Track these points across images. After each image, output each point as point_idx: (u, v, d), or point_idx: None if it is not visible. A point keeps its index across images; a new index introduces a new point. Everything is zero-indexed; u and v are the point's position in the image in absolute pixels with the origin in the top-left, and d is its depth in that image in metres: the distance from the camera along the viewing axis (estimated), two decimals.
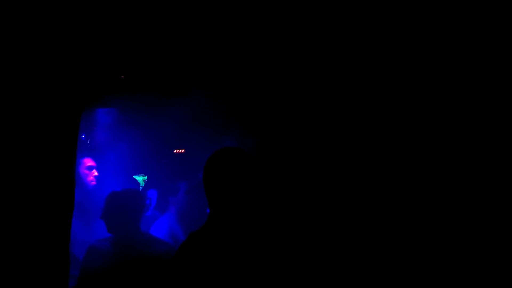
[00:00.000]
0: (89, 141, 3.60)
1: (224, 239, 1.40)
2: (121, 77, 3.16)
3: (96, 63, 2.41)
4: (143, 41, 2.60)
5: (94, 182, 2.93)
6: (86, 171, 2.95)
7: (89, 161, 2.98)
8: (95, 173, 2.98)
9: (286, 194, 2.31)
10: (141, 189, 4.06)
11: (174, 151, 4.50)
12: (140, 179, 4.46)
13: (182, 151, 4.47)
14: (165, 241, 2.43)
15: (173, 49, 2.71)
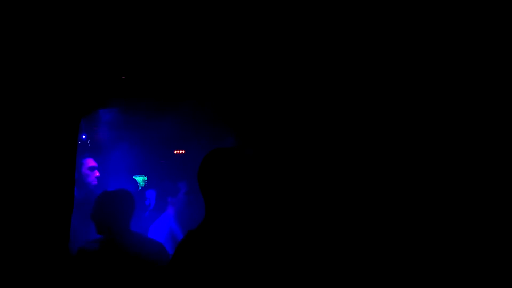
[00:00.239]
0: (90, 141, 3.63)
1: (221, 238, 1.42)
2: (122, 77, 3.19)
3: (97, 67, 2.44)
4: (144, 45, 2.63)
5: (95, 182, 2.97)
6: (88, 172, 2.98)
7: (91, 161, 3.02)
8: (97, 173, 3.02)
9: (283, 193, 2.33)
10: (140, 189, 4.09)
11: (174, 152, 4.53)
12: (140, 179, 4.49)
13: (183, 151, 4.49)
14: (156, 241, 2.43)
15: (173, 52, 2.74)
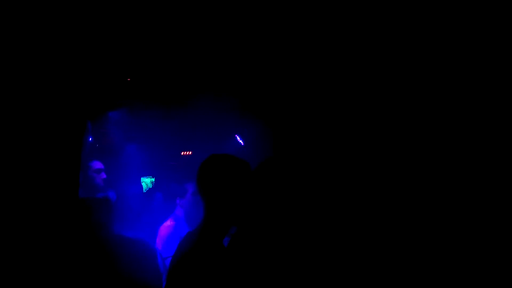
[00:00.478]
0: (98, 144, 3.64)
1: (216, 237, 1.47)
2: (127, 79, 3.21)
3: (103, 70, 2.44)
4: (149, 46, 2.63)
5: (102, 184, 2.97)
6: (95, 174, 2.99)
7: (97, 164, 3.03)
8: (103, 175, 3.02)
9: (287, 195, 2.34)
10: (147, 190, 4.10)
11: (181, 153, 4.54)
12: (148, 180, 4.50)
13: (190, 153, 4.51)
14: (141, 241, 2.45)
15: (179, 50, 2.74)
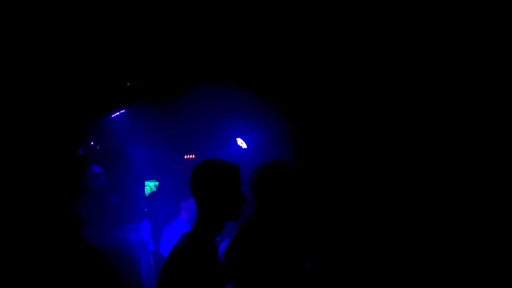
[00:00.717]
0: (98, 147, 3.67)
1: (211, 237, 1.58)
2: (127, 84, 3.22)
3: (102, 73, 2.45)
4: (152, 46, 2.62)
5: (100, 188, 2.98)
6: (93, 178, 3.00)
7: (96, 168, 3.04)
8: (102, 179, 3.03)
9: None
10: (150, 194, 4.10)
11: (185, 157, 4.55)
12: (151, 184, 4.52)
13: (193, 156, 4.51)
14: (118, 252, 2.42)
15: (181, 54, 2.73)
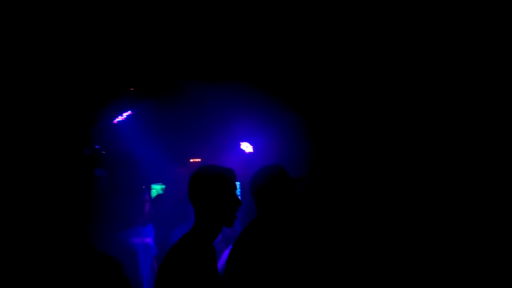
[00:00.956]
0: (104, 151, 3.70)
1: (209, 240, 1.59)
2: (130, 89, 3.27)
3: (105, 78, 2.48)
4: (158, 47, 2.64)
5: (102, 192, 3.05)
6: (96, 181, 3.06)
7: (99, 171, 3.09)
8: (104, 183, 3.09)
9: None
10: (157, 196, 4.15)
11: (190, 160, 4.61)
12: (158, 187, 4.58)
13: (199, 160, 4.57)
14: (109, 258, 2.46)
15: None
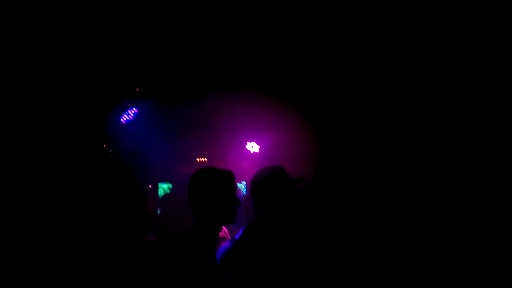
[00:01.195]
0: (111, 151, 3.75)
1: (209, 241, 1.58)
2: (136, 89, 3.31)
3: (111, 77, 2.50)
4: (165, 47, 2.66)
5: None
6: None
7: None
8: None
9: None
10: (164, 195, 4.20)
11: (197, 160, 4.64)
12: (165, 186, 4.63)
13: (205, 159, 4.61)
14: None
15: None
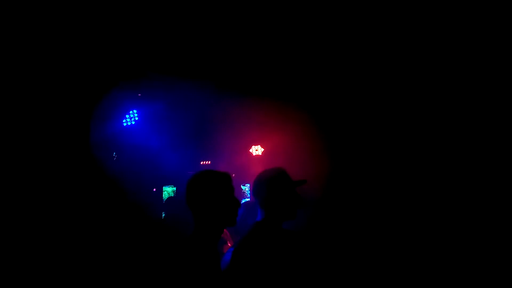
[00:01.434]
0: (115, 155, 3.76)
1: (211, 243, 1.58)
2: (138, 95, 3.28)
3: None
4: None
5: None
6: None
7: None
8: None
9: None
10: (168, 198, 4.20)
11: (201, 163, 4.64)
12: (169, 189, 4.63)
13: (209, 162, 4.61)
14: None
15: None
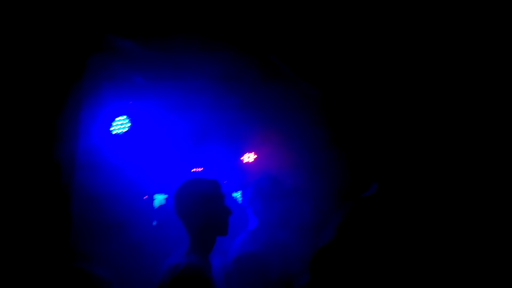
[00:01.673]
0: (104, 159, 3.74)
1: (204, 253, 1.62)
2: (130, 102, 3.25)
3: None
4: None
5: None
6: None
7: None
8: None
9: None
10: (159, 207, 4.19)
11: (192, 170, 4.64)
12: (161, 197, 4.61)
13: (201, 169, 4.61)
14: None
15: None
